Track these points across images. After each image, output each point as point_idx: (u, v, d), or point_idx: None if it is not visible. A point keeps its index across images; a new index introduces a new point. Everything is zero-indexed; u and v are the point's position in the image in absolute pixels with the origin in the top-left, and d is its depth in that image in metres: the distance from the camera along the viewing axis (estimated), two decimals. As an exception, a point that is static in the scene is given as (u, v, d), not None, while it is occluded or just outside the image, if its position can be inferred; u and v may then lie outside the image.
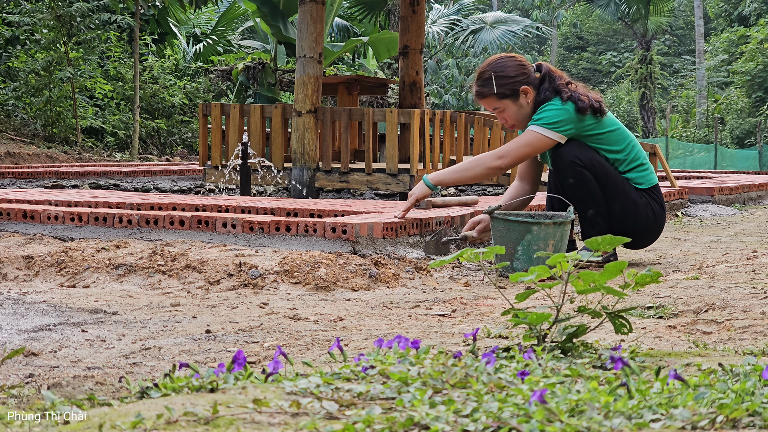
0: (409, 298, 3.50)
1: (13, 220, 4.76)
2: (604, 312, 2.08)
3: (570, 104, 4.12)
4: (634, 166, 4.24)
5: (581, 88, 4.22)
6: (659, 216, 4.27)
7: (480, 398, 1.47)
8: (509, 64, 4.20)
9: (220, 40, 21.81)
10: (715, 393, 1.45)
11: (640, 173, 4.25)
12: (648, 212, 4.23)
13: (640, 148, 4.30)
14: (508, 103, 4.20)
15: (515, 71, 4.18)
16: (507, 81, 4.17)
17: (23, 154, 13.67)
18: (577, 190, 4.15)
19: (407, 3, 9.55)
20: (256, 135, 8.43)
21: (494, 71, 4.18)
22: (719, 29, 37.17)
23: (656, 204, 4.26)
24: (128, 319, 3.08)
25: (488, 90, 4.18)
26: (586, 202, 4.16)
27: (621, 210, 4.19)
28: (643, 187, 4.25)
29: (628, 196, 4.19)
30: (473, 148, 8.67)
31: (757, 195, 9.10)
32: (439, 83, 30.27)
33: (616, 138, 4.21)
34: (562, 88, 4.16)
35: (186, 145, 17.90)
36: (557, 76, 4.22)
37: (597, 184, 4.15)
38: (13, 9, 16.11)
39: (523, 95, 4.19)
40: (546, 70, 4.23)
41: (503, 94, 4.18)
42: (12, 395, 1.84)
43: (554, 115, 4.11)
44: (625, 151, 4.22)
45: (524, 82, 4.18)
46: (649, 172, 4.29)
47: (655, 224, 4.27)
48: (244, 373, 1.68)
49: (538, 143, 4.12)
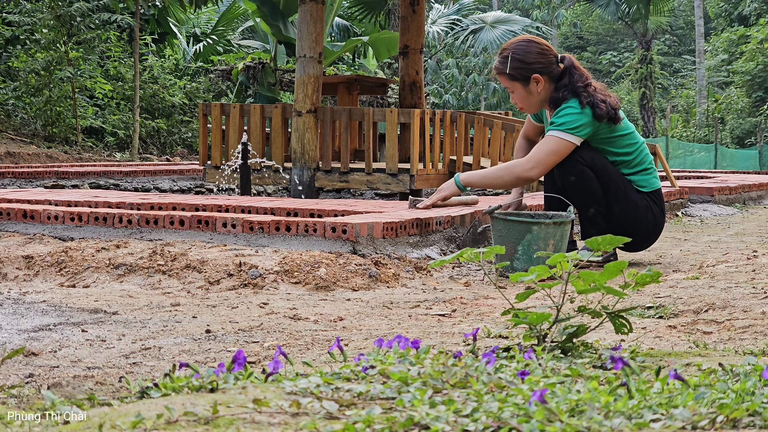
0: (409, 297, 3.50)
1: (13, 219, 4.76)
2: (604, 312, 2.08)
3: (588, 110, 4.12)
4: (639, 170, 4.25)
5: (600, 91, 4.20)
6: (659, 219, 4.28)
7: (480, 398, 1.47)
8: (531, 49, 4.21)
9: (220, 40, 21.81)
10: (715, 393, 1.45)
11: (644, 176, 4.27)
12: (648, 215, 4.24)
13: (648, 153, 4.32)
14: (518, 85, 4.23)
15: (533, 58, 4.19)
16: (522, 65, 4.19)
17: (23, 154, 13.67)
18: (578, 188, 4.15)
19: (407, 3, 9.55)
20: (256, 135, 8.43)
21: (513, 52, 4.21)
22: (719, 29, 37.17)
23: (657, 207, 4.27)
24: (128, 318, 3.08)
25: (502, 68, 4.23)
26: (587, 201, 4.16)
27: (621, 211, 4.19)
28: (645, 190, 4.26)
29: (628, 198, 4.20)
30: (473, 148, 8.67)
31: (757, 195, 9.10)
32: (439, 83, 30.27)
33: (627, 142, 4.23)
34: (581, 91, 4.15)
35: (186, 145, 17.90)
36: (578, 74, 4.21)
37: (599, 183, 4.16)
38: (13, 9, 16.11)
39: (534, 83, 4.20)
40: (568, 64, 4.22)
41: (514, 76, 4.21)
42: (12, 395, 1.84)
43: (574, 120, 4.11)
44: (633, 154, 4.24)
45: (539, 70, 4.19)
46: (653, 177, 4.30)
47: (654, 227, 4.28)
48: (244, 373, 1.68)
49: (563, 149, 4.12)
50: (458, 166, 8.59)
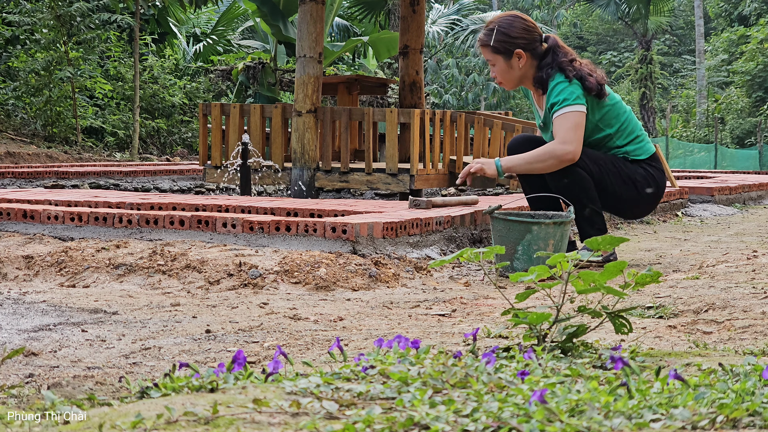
0: (409, 297, 3.50)
1: (13, 219, 4.76)
2: (604, 312, 2.08)
3: (576, 82, 4.16)
4: (631, 139, 4.30)
5: (586, 65, 4.24)
6: (660, 181, 4.35)
7: (480, 398, 1.47)
8: (516, 24, 4.24)
9: (220, 40, 21.82)
10: (715, 393, 1.45)
11: (638, 145, 4.31)
12: (649, 181, 4.30)
13: (635, 120, 4.35)
14: (499, 59, 4.25)
15: (518, 33, 4.22)
16: (506, 39, 4.22)
17: (23, 154, 13.67)
18: (573, 188, 4.16)
19: (407, 3, 9.55)
20: (256, 135, 8.43)
21: (499, 26, 4.24)
22: (719, 29, 37.17)
23: (656, 171, 4.33)
24: (128, 318, 3.08)
25: (487, 40, 4.26)
26: (583, 201, 4.17)
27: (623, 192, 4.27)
28: (641, 158, 4.30)
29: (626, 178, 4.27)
30: (473, 148, 8.67)
31: (757, 195, 9.09)
32: (439, 83, 30.28)
33: (615, 113, 4.27)
34: (566, 66, 4.18)
35: (186, 145, 17.90)
36: (563, 52, 4.24)
37: (592, 181, 4.18)
38: (13, 9, 16.11)
39: (516, 58, 4.23)
40: (552, 44, 4.25)
41: (497, 49, 4.23)
42: (12, 395, 1.84)
43: (570, 92, 4.14)
44: (623, 125, 4.28)
45: (523, 46, 4.22)
46: (646, 143, 4.35)
47: (657, 190, 4.34)
48: (244, 373, 1.68)
49: (579, 119, 4.14)
50: (458, 166, 8.59)
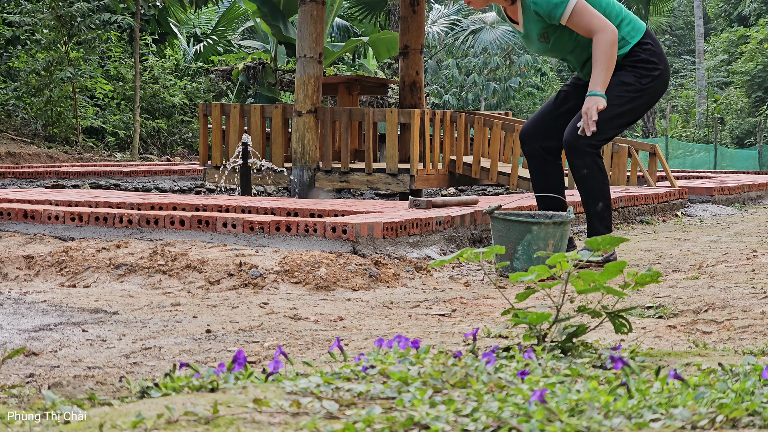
0: (409, 297, 3.50)
1: (13, 219, 4.76)
2: (604, 312, 2.08)
3: None
4: (617, 23, 4.23)
5: None
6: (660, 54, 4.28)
7: (480, 398, 1.47)
8: None
9: (220, 40, 21.81)
10: (714, 393, 1.46)
11: (629, 27, 4.25)
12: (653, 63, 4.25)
13: (615, 3, 4.30)
14: None
15: None
16: None
17: (24, 154, 13.68)
18: (589, 181, 4.14)
19: (407, 3, 9.55)
20: (256, 135, 8.44)
21: None
22: (719, 29, 37.17)
23: (653, 47, 4.26)
24: (128, 318, 3.09)
25: None
26: (596, 195, 4.17)
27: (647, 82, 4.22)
28: (636, 38, 4.24)
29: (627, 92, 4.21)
30: (473, 148, 8.67)
31: (757, 195, 9.10)
32: (439, 83, 30.28)
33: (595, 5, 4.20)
34: None
35: (186, 145, 17.91)
36: None
37: (605, 175, 4.16)
38: (14, 9, 16.11)
39: None
40: None
41: None
42: (12, 395, 1.84)
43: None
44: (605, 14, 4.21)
45: None
46: (634, 21, 4.29)
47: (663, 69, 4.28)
48: (245, 373, 1.68)
49: (585, 3, 4.13)
50: (458, 166, 8.59)
